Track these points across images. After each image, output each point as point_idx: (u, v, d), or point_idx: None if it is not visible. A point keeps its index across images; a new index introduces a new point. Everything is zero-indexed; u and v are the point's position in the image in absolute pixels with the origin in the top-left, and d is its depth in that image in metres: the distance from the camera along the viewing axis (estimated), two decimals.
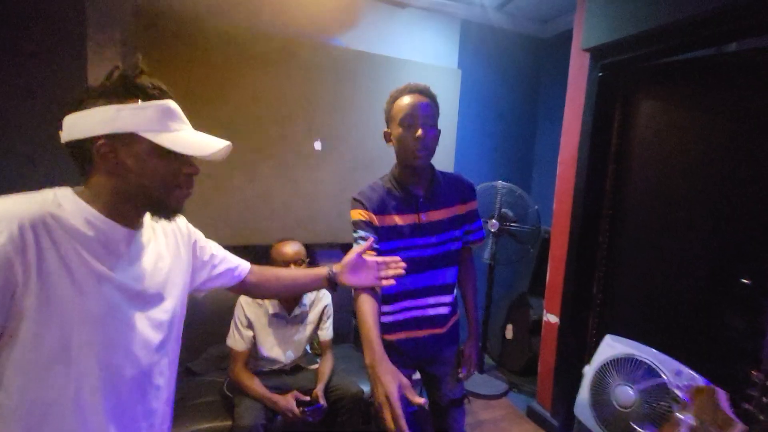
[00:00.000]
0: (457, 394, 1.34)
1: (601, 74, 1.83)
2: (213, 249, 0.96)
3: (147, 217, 0.78)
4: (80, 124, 0.65)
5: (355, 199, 1.18)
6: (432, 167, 1.23)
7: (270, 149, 2.09)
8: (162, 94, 0.69)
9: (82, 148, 0.66)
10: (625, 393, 1.45)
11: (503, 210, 2.44)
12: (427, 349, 1.30)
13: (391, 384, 0.86)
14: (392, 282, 1.03)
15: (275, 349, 1.65)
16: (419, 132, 1.09)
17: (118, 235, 0.69)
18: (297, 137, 2.14)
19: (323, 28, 2.21)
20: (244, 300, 1.63)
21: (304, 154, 2.17)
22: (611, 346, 1.57)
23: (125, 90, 0.66)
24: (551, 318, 2.15)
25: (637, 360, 1.46)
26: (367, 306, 1.01)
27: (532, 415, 2.25)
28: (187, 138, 0.69)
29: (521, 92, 2.89)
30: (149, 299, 0.74)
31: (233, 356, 1.59)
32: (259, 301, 1.64)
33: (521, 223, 2.44)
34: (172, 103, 0.70)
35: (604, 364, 1.56)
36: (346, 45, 2.24)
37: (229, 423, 1.53)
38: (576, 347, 2.06)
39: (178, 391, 1.66)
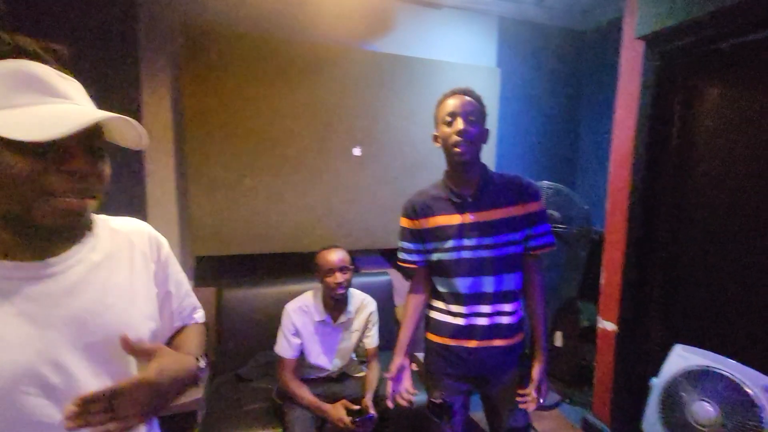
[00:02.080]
0: (520, 423, 1.23)
1: (658, 63, 1.71)
2: (179, 275, 0.74)
3: (93, 237, 0.58)
4: None
5: (403, 205, 1.27)
6: (484, 167, 1.21)
7: (309, 156, 2.10)
8: (21, 54, 0.47)
9: None
10: (704, 409, 1.32)
11: (549, 211, 2.34)
12: (481, 364, 1.20)
13: (393, 367, 1.25)
14: None
15: (321, 357, 1.64)
16: (460, 124, 1.10)
17: (11, 275, 0.49)
18: (336, 144, 2.14)
19: (358, 34, 2.21)
20: (291, 307, 1.63)
21: (344, 161, 2.16)
22: (683, 357, 1.44)
23: None
24: (608, 325, 2.01)
25: (715, 373, 1.33)
26: (409, 310, 1.30)
27: (588, 427, 2.12)
28: (34, 114, 0.46)
29: (563, 88, 2.77)
30: (90, 348, 0.53)
31: (282, 364, 1.59)
32: (305, 307, 1.63)
33: (568, 225, 2.33)
34: (31, 66, 0.47)
35: (676, 377, 1.43)
36: (382, 50, 2.22)
37: (279, 431, 1.53)
38: (637, 357, 1.92)
39: (233, 395, 1.70)
